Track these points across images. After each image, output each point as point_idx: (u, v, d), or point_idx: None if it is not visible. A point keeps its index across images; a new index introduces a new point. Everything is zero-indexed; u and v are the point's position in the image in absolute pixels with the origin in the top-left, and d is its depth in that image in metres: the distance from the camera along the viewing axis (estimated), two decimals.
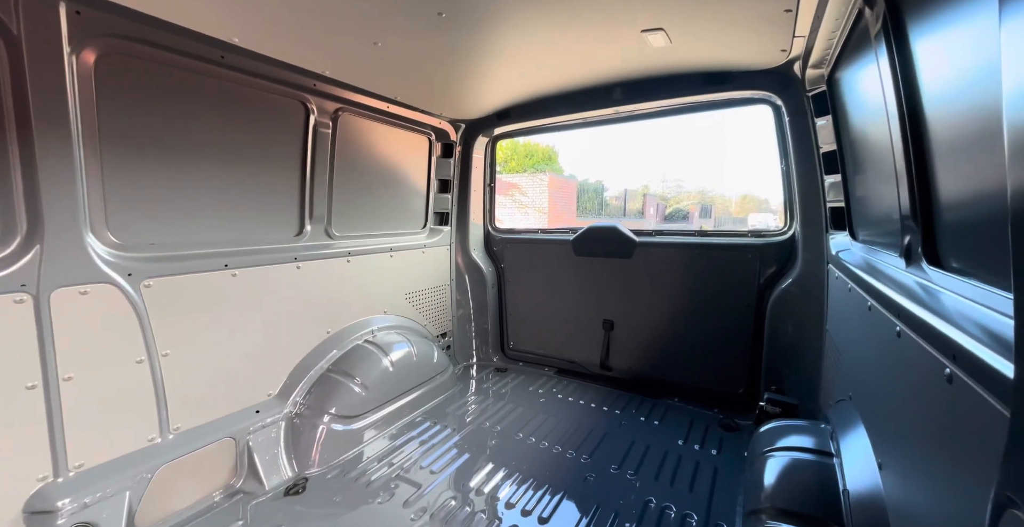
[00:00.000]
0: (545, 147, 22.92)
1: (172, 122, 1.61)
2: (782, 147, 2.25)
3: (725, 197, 26.37)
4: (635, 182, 34.52)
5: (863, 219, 1.53)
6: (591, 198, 21.44)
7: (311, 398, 2.05)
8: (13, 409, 1.23)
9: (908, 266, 0.96)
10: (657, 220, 20.95)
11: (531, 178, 17.93)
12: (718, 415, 2.40)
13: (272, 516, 1.59)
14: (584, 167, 43.38)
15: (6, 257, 1.24)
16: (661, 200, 25.25)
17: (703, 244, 2.53)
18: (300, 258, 2.12)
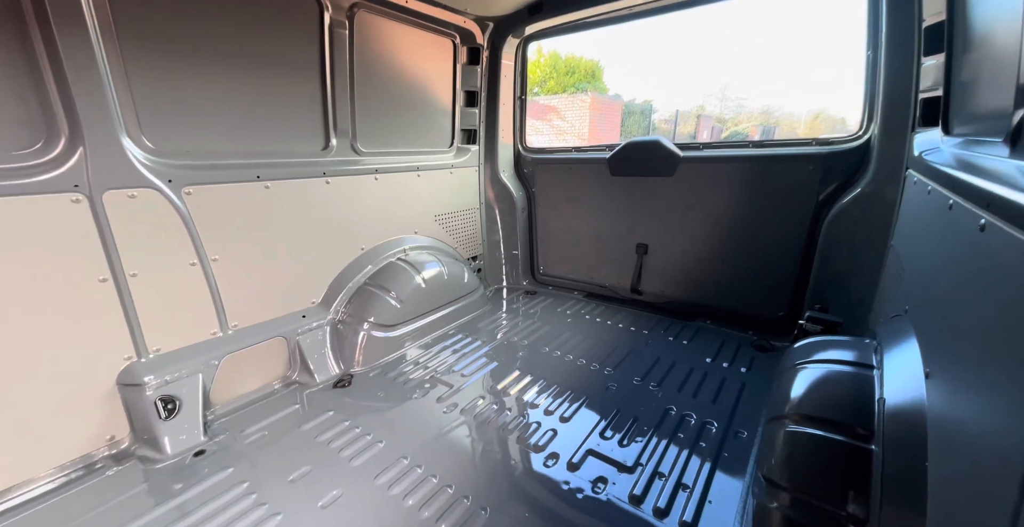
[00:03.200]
0: (588, 62, 20.46)
1: (187, 21, 1.51)
2: (872, 25, 1.80)
3: (793, 117, 22.89)
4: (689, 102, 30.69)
5: (964, 108, 1.24)
6: (637, 121, 19.54)
7: (351, 307, 2.19)
8: (90, 298, 1.39)
9: (1013, 152, 0.76)
10: None
11: (571, 99, 16.30)
12: (752, 336, 2.36)
13: (324, 403, 1.81)
14: (631, 85, 38.77)
15: (56, 157, 1.29)
16: (718, 122, 22.50)
17: (757, 157, 2.24)
18: (328, 173, 2.09)
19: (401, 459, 1.47)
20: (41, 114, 1.27)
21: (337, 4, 1.93)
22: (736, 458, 1.47)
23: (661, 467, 1.44)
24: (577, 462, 1.47)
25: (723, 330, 2.46)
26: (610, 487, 1.36)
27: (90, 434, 1.42)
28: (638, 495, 1.33)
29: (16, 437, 1.28)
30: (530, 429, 1.64)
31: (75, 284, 1.36)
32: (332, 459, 1.46)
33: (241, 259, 1.78)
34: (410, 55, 2.41)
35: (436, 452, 1.50)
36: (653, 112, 20.78)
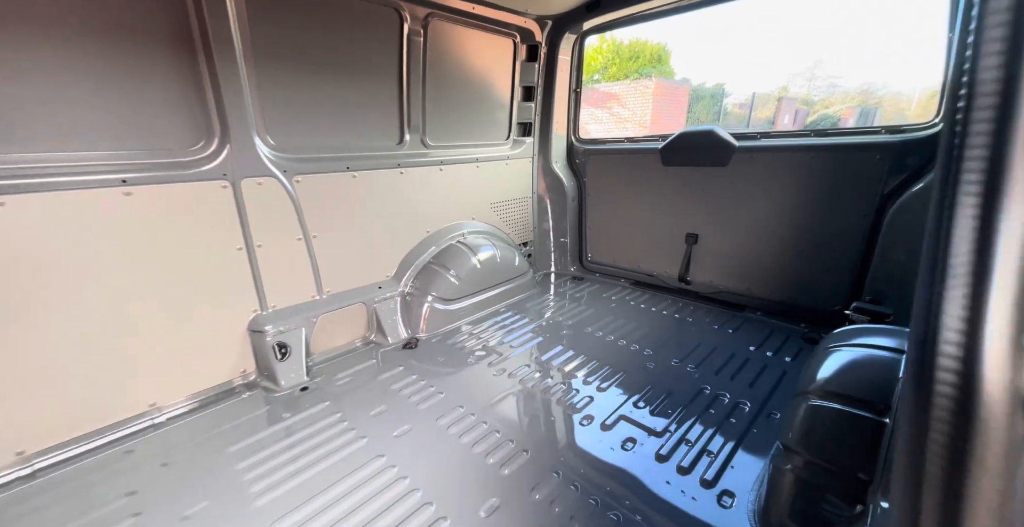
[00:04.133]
0: (655, 46, 19.42)
1: (300, 39, 1.85)
2: (953, 4, 1.68)
3: (902, 97, 19.55)
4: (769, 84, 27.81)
5: None
6: (707, 106, 18.27)
7: (418, 282, 2.51)
8: (230, 262, 1.81)
9: None
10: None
11: (633, 85, 15.65)
12: (804, 329, 2.33)
13: (395, 360, 2.14)
14: (701, 69, 36.01)
15: (211, 153, 1.71)
16: (803, 105, 20.16)
17: (819, 146, 2.17)
18: (402, 164, 2.41)
19: (458, 408, 1.74)
20: (204, 120, 1.68)
21: (415, 15, 2.19)
22: (764, 435, 1.55)
23: (688, 435, 1.56)
24: (610, 424, 1.64)
25: (772, 322, 2.44)
26: (638, 446, 1.52)
27: (230, 366, 1.87)
28: (663, 454, 1.47)
29: (186, 363, 1.74)
30: (569, 394, 1.83)
31: (221, 250, 1.78)
32: (403, 403, 1.77)
33: (334, 237, 2.16)
34: (473, 56, 2.63)
35: (487, 404, 1.75)
36: (725, 96, 19.28)
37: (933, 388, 0.38)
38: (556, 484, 1.35)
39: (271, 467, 1.42)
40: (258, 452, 1.49)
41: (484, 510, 1.25)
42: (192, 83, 1.62)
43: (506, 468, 1.41)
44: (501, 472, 1.40)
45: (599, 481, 1.36)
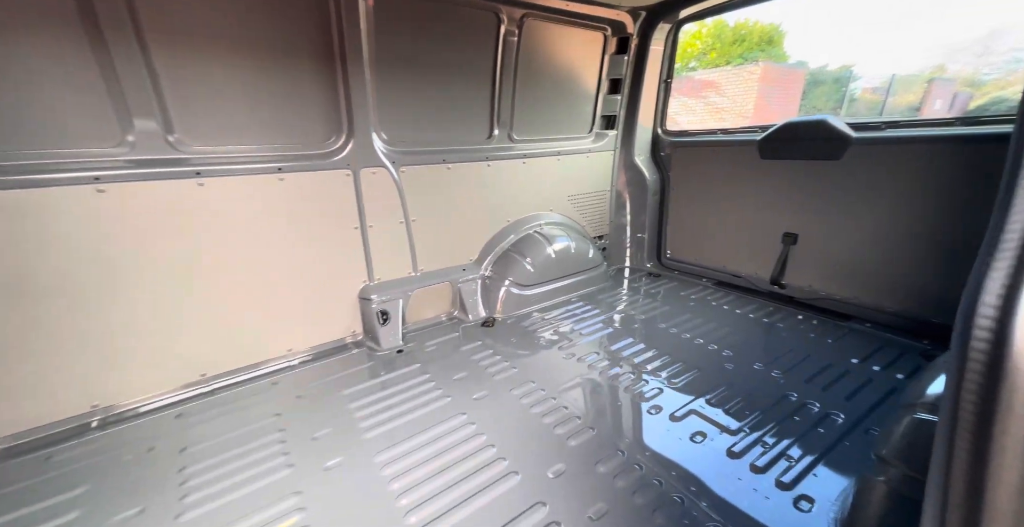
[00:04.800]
0: (765, 26, 17.41)
1: (411, 46, 2.11)
2: None
3: None
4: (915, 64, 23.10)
5: None
6: (828, 92, 15.93)
7: (496, 267, 2.71)
8: (348, 239, 2.17)
9: None
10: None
11: (735, 72, 14.22)
12: (925, 346, 2.04)
13: (474, 336, 2.36)
14: (823, 50, 31.18)
15: (339, 147, 2.06)
16: (965, 87, 16.40)
17: (964, 136, 1.87)
18: (490, 158, 2.60)
19: (529, 382, 1.88)
20: (336, 119, 2.03)
21: (511, 16, 2.34)
22: (857, 449, 1.44)
23: (765, 438, 1.51)
24: (679, 416, 1.65)
25: (884, 335, 2.17)
26: (708, 441, 1.52)
27: (344, 326, 2.25)
28: (736, 452, 1.45)
29: (311, 320, 2.14)
30: (637, 384, 1.87)
31: (342, 228, 2.14)
32: (481, 372, 1.98)
33: (429, 221, 2.44)
34: (562, 52, 2.72)
35: (556, 383, 1.87)
36: (853, 80, 16.57)
37: (968, 354, 0.41)
38: (620, 461, 1.42)
39: (375, 410, 1.71)
40: (365, 397, 1.80)
41: (551, 472, 1.38)
42: (330, 89, 1.96)
43: (572, 440, 1.52)
44: (568, 443, 1.51)
45: (665, 465, 1.40)
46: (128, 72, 1.50)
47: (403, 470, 1.39)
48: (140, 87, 1.53)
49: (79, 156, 1.50)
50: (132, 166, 1.60)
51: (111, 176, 1.55)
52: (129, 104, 1.54)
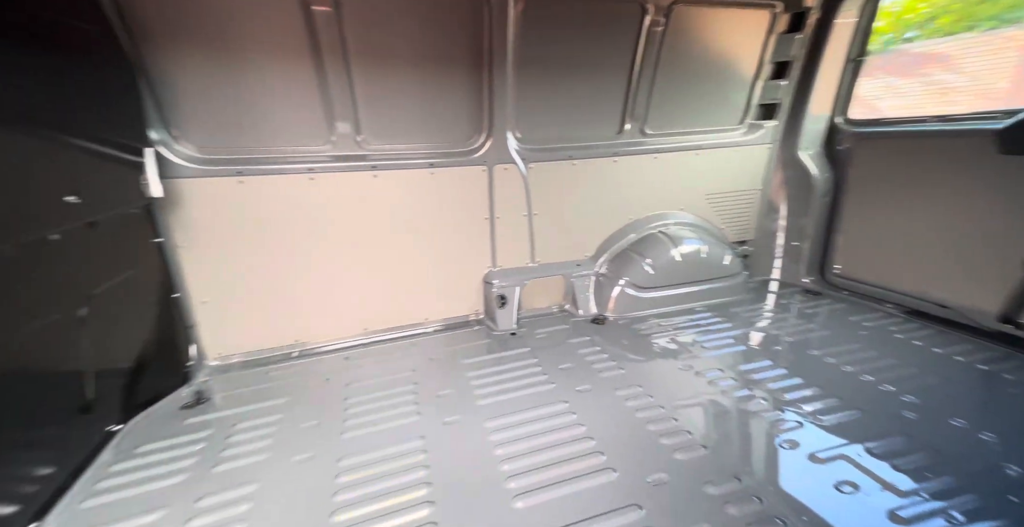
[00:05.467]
0: None
1: (550, 46, 2.20)
2: None
3: None
4: None
5: None
6: None
7: (612, 266, 2.66)
8: (478, 228, 2.42)
9: None
10: None
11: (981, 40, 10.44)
12: None
13: (584, 331, 2.38)
14: None
15: (479, 145, 2.30)
16: None
17: None
18: (618, 153, 2.55)
19: (636, 386, 1.82)
20: (479, 120, 2.27)
21: (659, 5, 2.23)
22: None
23: (955, 512, 1.17)
24: (823, 458, 1.39)
25: None
26: (860, 495, 1.24)
27: (469, 305, 2.53)
28: (903, 517, 1.16)
29: (443, 296, 2.47)
30: (769, 411, 1.63)
31: (474, 218, 2.40)
32: (587, 367, 1.99)
33: (549, 216, 2.53)
34: (714, 37, 2.47)
35: (667, 392, 1.76)
36: None
37: None
38: (736, 489, 1.28)
39: (488, 382, 1.90)
40: (481, 369, 2.00)
41: (651, 480, 1.32)
42: (476, 92, 2.20)
43: (679, 454, 1.43)
44: (673, 455, 1.42)
45: (794, 507, 1.21)
46: (336, 87, 1.96)
47: (507, 440, 1.52)
48: (342, 98, 1.99)
49: (300, 153, 2.04)
50: (332, 160, 2.09)
51: (319, 168, 2.07)
52: (335, 112, 2.01)
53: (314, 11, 1.77)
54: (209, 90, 1.80)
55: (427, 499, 1.27)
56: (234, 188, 1.94)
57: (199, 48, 1.73)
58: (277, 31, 1.79)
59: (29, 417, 1.24)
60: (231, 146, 1.92)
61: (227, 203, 1.95)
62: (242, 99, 1.86)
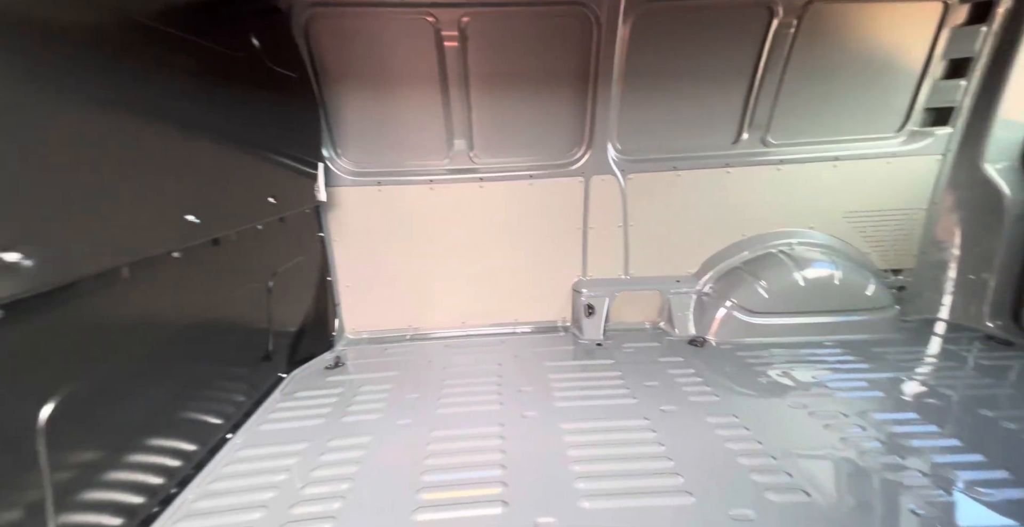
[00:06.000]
0: None
1: (662, 58, 2.19)
2: None
3: None
4: None
5: None
6: None
7: (718, 285, 2.46)
8: (571, 237, 2.50)
9: None
10: None
11: None
12: None
13: (677, 351, 2.25)
14: None
15: (577, 158, 2.40)
16: None
17: None
18: (731, 164, 2.39)
19: (731, 415, 1.66)
20: (579, 133, 2.37)
21: (790, 7, 2.06)
22: None
23: None
24: None
25: None
26: None
27: (557, 311, 2.61)
28: None
29: (533, 299, 2.58)
30: (904, 471, 1.33)
31: (568, 227, 2.49)
32: (675, 387, 1.88)
33: (647, 228, 2.48)
34: (862, 35, 2.17)
35: (768, 428, 1.57)
36: None
37: None
38: None
39: (568, 386, 1.93)
40: (563, 373, 2.05)
41: (734, 514, 1.21)
42: (579, 107, 2.31)
43: (772, 494, 1.27)
44: (765, 494, 1.27)
45: None
46: (457, 110, 2.26)
47: (581, 443, 1.53)
48: (461, 120, 2.29)
49: (424, 166, 2.40)
50: (448, 173, 2.41)
51: (437, 179, 2.40)
52: (454, 132, 2.32)
53: (446, 47, 2.11)
54: (363, 117, 2.27)
55: (500, 480, 1.36)
56: (374, 195, 2.38)
57: (360, 85, 2.20)
58: (415, 67, 2.17)
59: (235, 358, 1.72)
60: (374, 161, 2.37)
61: (368, 207, 2.39)
62: (385, 123, 2.29)
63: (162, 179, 1.20)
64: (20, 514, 0.87)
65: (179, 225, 1.25)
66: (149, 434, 1.25)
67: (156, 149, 1.18)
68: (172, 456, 1.34)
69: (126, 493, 1.16)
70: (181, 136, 1.29)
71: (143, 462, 1.23)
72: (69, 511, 0.98)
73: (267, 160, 1.81)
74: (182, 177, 1.28)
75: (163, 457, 1.30)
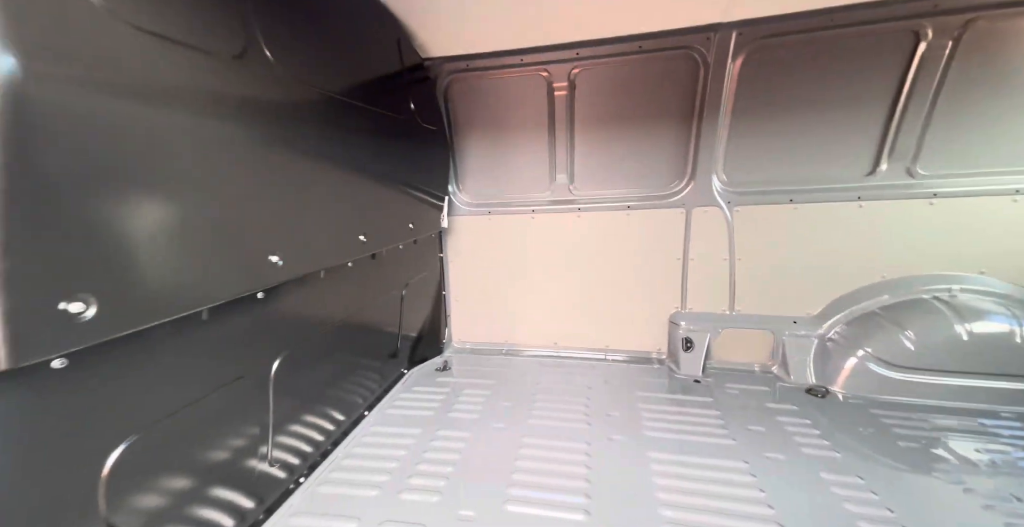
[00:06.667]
0: None
1: (779, 88, 2.15)
2: None
3: None
4: None
5: None
6: None
7: (849, 330, 2.18)
8: (669, 267, 2.48)
9: None
10: None
11: None
12: None
13: (792, 398, 2.04)
14: None
15: (679, 189, 2.41)
16: None
17: None
18: (865, 197, 2.16)
19: (855, 476, 1.46)
20: (681, 166, 2.40)
21: (942, 28, 1.88)
22: None
23: None
24: None
25: None
26: None
27: (652, 341, 2.58)
28: None
29: (628, 328, 2.60)
30: None
31: (666, 257, 2.48)
32: (785, 436, 1.72)
33: (757, 262, 2.34)
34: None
35: (906, 497, 1.35)
36: None
37: None
38: None
39: (659, 417, 1.91)
40: (655, 404, 2.03)
41: None
42: (682, 141, 2.35)
43: None
44: None
45: None
46: (560, 149, 2.51)
47: (669, 474, 1.51)
48: (563, 157, 2.52)
49: (527, 198, 2.66)
50: (548, 204, 2.64)
51: (538, 209, 2.64)
52: (556, 167, 2.56)
53: (556, 96, 2.40)
54: (481, 156, 2.66)
55: (584, 491, 1.43)
56: (485, 222, 2.73)
57: (481, 131, 2.61)
58: (527, 114, 2.50)
59: (374, 352, 2.13)
60: (487, 193, 2.73)
61: (479, 232, 2.75)
62: (498, 162, 2.65)
63: (346, 209, 1.64)
64: (253, 440, 1.27)
65: (355, 243, 1.67)
66: (321, 401, 1.66)
67: (342, 188, 1.62)
68: (330, 421, 1.73)
69: (302, 443, 1.55)
70: (357, 178, 1.73)
71: (314, 423, 1.62)
72: (279, 436, 1.39)
73: (410, 195, 2.26)
74: (356, 208, 1.72)
75: (325, 421, 1.70)
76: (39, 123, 0.68)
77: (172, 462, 1.04)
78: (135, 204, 0.84)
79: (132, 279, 0.84)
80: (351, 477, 1.55)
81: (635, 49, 2.21)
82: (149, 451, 0.96)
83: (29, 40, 0.66)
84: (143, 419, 0.95)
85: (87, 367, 0.82)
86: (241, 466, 1.26)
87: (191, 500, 1.10)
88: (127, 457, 0.91)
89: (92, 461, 0.86)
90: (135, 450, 0.93)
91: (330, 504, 1.43)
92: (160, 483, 1.01)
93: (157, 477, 1.01)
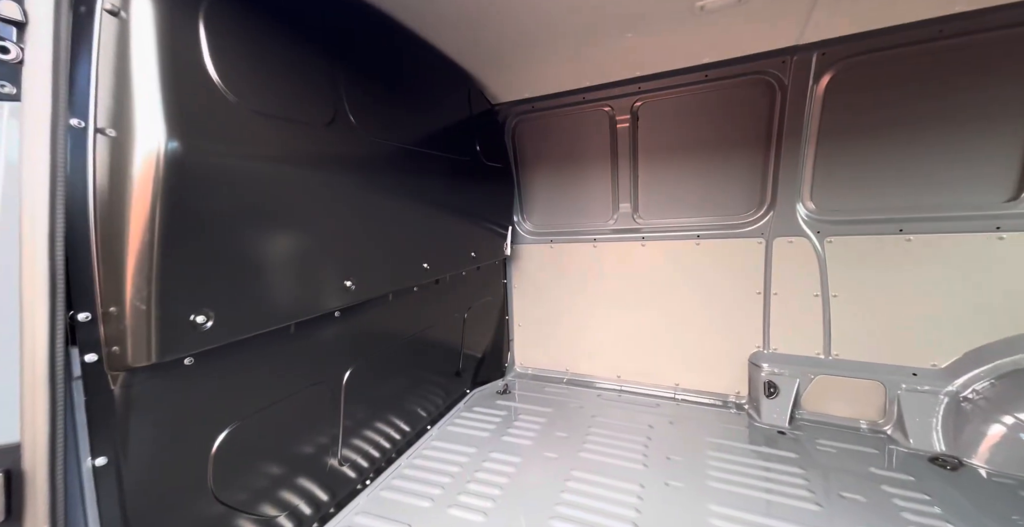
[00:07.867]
0: None
1: (873, 109, 1.94)
2: None
3: None
4: None
5: None
6: None
7: (992, 390, 1.75)
8: (748, 302, 2.26)
9: None
10: None
11: None
12: None
13: (910, 469, 1.68)
14: None
15: (757, 218, 2.24)
16: None
17: None
18: (1005, 227, 1.78)
19: None
20: (759, 193, 2.23)
21: None
22: None
23: None
24: None
25: None
26: None
27: (728, 383, 2.34)
28: None
29: (699, 367, 2.41)
30: None
31: (744, 292, 2.27)
32: (890, 511, 1.43)
33: (859, 300, 2.03)
34: None
35: None
36: None
37: None
38: None
39: (729, 468, 1.72)
40: (726, 453, 1.84)
41: None
42: (757, 167, 2.20)
43: None
44: None
45: None
46: (623, 179, 2.52)
47: None
48: (626, 186, 2.52)
49: (589, 227, 2.68)
50: (611, 233, 2.63)
51: (601, 238, 2.65)
52: (619, 197, 2.57)
53: (618, 129, 2.46)
54: (544, 187, 2.80)
55: None
56: (547, 251, 2.82)
57: (545, 164, 2.76)
58: (589, 147, 2.58)
59: (439, 370, 2.31)
60: (549, 223, 2.84)
61: (541, 261, 2.85)
62: (561, 193, 2.75)
63: (412, 239, 1.87)
64: (327, 439, 1.49)
65: (418, 270, 1.90)
66: (387, 411, 1.85)
67: (409, 223, 1.85)
68: (396, 431, 1.92)
69: (370, 447, 1.75)
70: (423, 213, 1.96)
71: (381, 430, 1.82)
72: (349, 438, 1.59)
73: (474, 225, 2.48)
74: (422, 238, 1.94)
75: (391, 429, 1.89)
76: (190, 182, 0.95)
77: (263, 449, 1.28)
78: (248, 241, 1.11)
79: (239, 299, 1.09)
80: (409, 486, 1.69)
81: (701, 78, 2.20)
82: (246, 438, 1.21)
83: (189, 125, 0.95)
84: (243, 410, 1.21)
85: (206, 365, 1.09)
86: (316, 460, 1.47)
87: (277, 484, 1.33)
88: (229, 440, 1.16)
89: (205, 440, 1.12)
90: (235, 435, 1.17)
91: (389, 509, 1.57)
92: (252, 466, 1.25)
93: (251, 460, 1.25)
